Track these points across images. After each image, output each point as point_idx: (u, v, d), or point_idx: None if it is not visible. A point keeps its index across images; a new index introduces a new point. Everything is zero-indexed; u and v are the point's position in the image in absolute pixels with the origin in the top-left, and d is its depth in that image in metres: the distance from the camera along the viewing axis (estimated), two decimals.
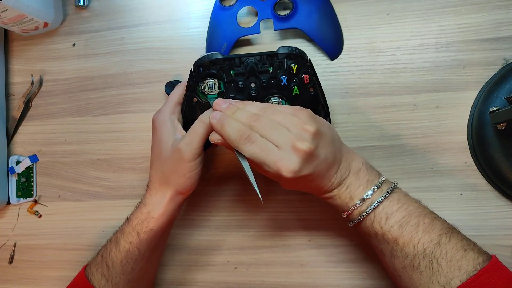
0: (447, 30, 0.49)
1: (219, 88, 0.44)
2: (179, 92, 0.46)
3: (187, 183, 0.44)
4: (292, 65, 0.42)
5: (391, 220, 0.38)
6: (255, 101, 0.42)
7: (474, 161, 0.48)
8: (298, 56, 0.42)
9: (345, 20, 0.51)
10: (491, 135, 0.45)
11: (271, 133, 0.37)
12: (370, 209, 0.39)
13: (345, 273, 0.50)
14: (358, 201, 0.39)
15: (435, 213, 0.40)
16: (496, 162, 0.45)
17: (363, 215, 0.39)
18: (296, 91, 0.43)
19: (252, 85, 0.43)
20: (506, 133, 0.43)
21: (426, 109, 0.49)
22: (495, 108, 0.42)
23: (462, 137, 0.48)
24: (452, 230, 0.38)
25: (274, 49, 0.43)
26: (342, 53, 0.51)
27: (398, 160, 0.49)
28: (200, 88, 0.44)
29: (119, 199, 0.57)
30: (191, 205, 0.54)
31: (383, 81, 0.50)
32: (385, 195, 0.39)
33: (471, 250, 0.37)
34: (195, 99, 0.44)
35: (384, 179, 0.40)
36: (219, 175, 0.54)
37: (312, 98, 0.43)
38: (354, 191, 0.40)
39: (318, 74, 0.43)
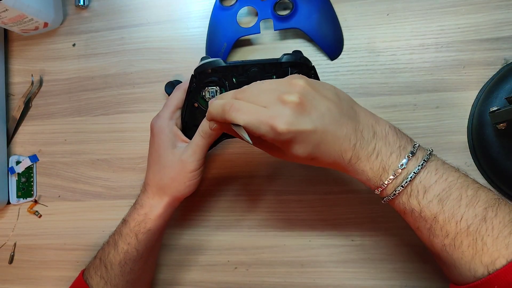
0: (447, 30, 0.49)
1: None
2: (178, 96, 0.45)
3: (187, 190, 0.44)
4: (296, 73, 0.42)
5: (429, 193, 0.33)
6: None
7: (474, 161, 0.48)
8: (303, 64, 0.42)
9: (345, 20, 0.51)
10: (491, 135, 0.45)
11: (257, 98, 0.34)
12: (406, 181, 0.34)
13: (345, 273, 0.50)
14: (393, 173, 0.34)
15: (478, 182, 0.35)
16: (496, 162, 0.45)
17: (399, 190, 0.34)
18: None
19: None
20: (506, 133, 0.43)
21: (426, 109, 0.49)
22: (495, 108, 0.42)
23: (462, 137, 0.48)
24: (499, 202, 0.33)
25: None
26: (342, 53, 0.51)
27: None
28: (202, 94, 0.43)
29: (119, 199, 0.57)
30: (191, 205, 0.54)
31: (383, 81, 0.50)
32: (422, 164, 0.34)
33: None
34: (196, 105, 0.44)
35: (418, 144, 0.35)
36: (219, 175, 0.54)
37: None
38: (387, 160, 0.34)
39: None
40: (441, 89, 0.49)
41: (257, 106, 0.34)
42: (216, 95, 0.43)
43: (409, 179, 0.34)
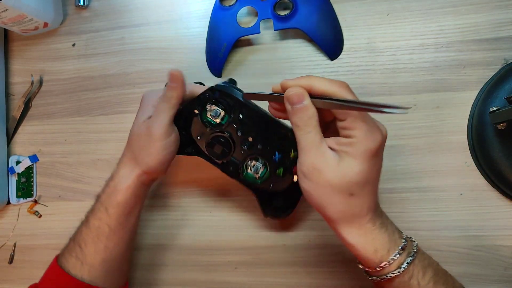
0: (447, 30, 0.49)
1: (222, 120, 0.43)
2: (186, 87, 0.43)
3: (154, 163, 0.43)
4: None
5: (427, 275, 0.36)
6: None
7: (474, 161, 0.48)
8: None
9: (345, 20, 0.51)
10: (491, 135, 0.45)
11: None
12: (407, 263, 0.36)
13: (345, 273, 0.50)
14: (387, 261, 0.36)
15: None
16: (496, 162, 0.45)
17: (397, 272, 0.36)
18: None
19: (250, 139, 0.43)
20: (506, 133, 0.43)
21: (426, 109, 0.49)
22: (495, 108, 0.43)
23: (462, 137, 0.48)
24: None
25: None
26: (342, 53, 0.51)
27: (398, 160, 0.49)
28: (207, 108, 0.43)
29: None
30: (191, 205, 0.54)
31: (383, 81, 0.50)
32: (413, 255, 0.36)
33: None
34: (196, 111, 0.44)
35: (405, 236, 0.37)
36: (219, 175, 0.54)
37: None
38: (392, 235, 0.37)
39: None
40: (441, 89, 0.49)
41: None
42: (217, 117, 0.43)
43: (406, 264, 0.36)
